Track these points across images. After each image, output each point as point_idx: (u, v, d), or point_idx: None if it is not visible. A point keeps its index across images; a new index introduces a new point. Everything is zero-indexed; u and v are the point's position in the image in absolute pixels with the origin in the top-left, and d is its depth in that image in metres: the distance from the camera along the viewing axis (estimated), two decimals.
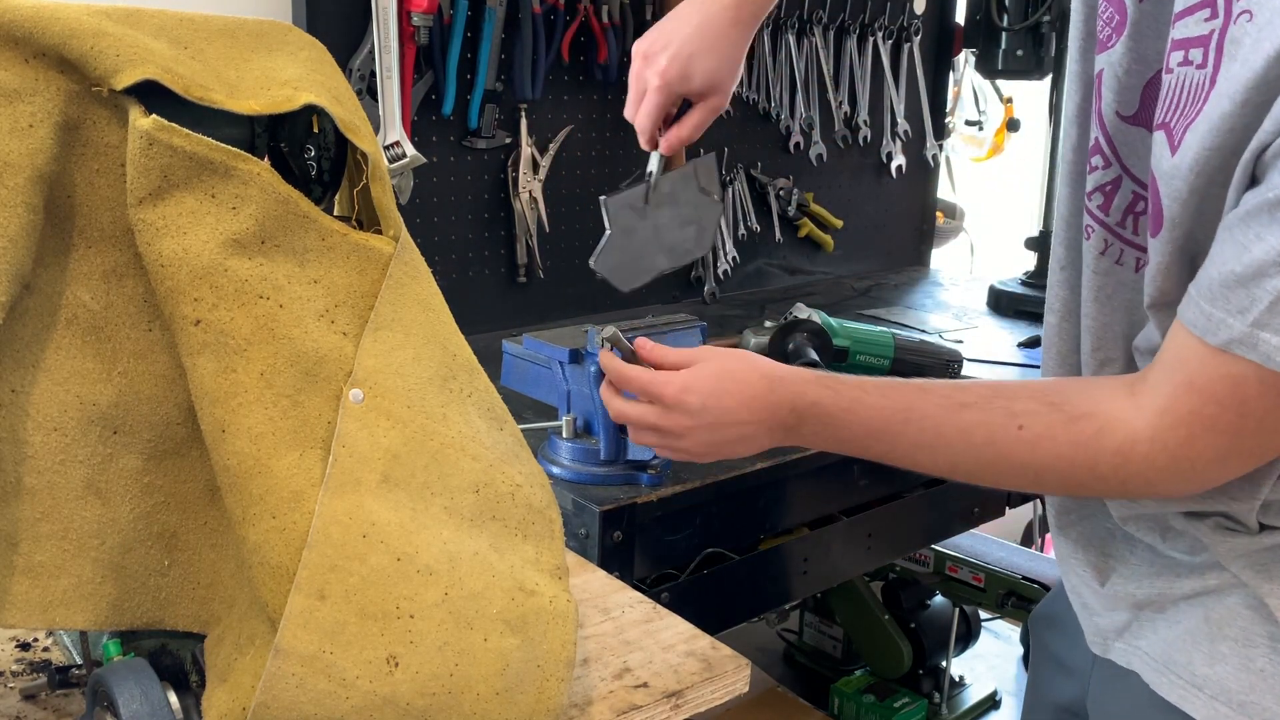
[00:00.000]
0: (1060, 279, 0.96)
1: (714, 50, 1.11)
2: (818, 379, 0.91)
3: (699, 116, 1.15)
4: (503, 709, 0.73)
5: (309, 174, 0.78)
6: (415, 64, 1.66)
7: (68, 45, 0.65)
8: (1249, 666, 0.84)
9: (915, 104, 2.37)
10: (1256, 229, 0.69)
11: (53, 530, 0.72)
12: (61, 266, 0.70)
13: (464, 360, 0.81)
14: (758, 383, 0.91)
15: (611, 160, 1.98)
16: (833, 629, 2.11)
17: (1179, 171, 0.75)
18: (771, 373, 0.92)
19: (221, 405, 0.69)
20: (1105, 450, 0.80)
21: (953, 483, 1.58)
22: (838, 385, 0.90)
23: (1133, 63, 0.82)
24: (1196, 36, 0.73)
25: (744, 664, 0.91)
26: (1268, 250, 0.68)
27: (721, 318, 1.96)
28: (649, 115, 1.13)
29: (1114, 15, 0.83)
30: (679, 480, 1.22)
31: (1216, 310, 0.72)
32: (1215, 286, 0.72)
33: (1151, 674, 0.90)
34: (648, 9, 1.92)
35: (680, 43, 1.11)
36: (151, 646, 0.80)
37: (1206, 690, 0.85)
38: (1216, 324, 0.72)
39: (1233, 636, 0.85)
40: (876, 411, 0.88)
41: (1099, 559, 0.98)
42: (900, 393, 0.88)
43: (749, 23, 1.13)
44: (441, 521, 0.73)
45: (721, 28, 1.11)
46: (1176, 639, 0.89)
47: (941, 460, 0.88)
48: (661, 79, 1.12)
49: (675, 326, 1.22)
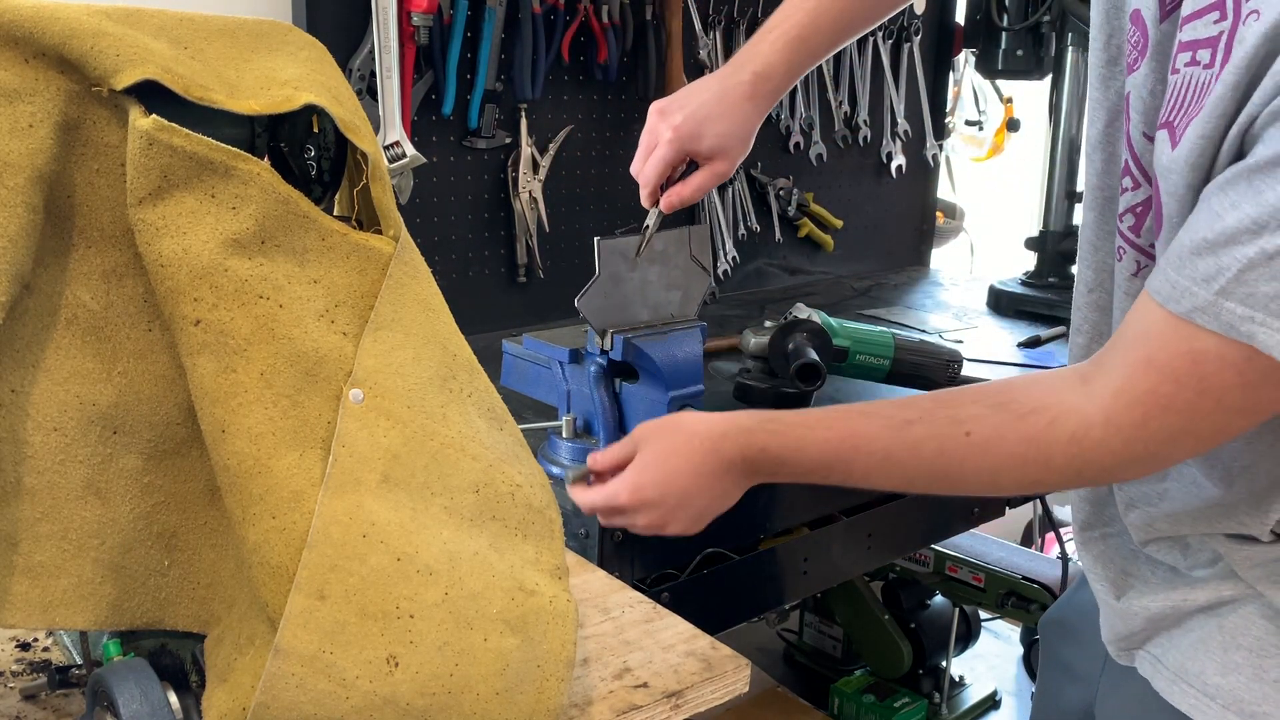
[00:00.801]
0: (1089, 301, 0.95)
1: (728, 117, 1.15)
2: (760, 424, 0.92)
3: (702, 179, 1.17)
4: (503, 709, 0.73)
5: (309, 174, 0.78)
6: (415, 64, 1.66)
7: (68, 45, 0.65)
8: (1262, 677, 0.84)
9: (915, 104, 2.37)
10: (1234, 196, 0.68)
11: (53, 530, 0.72)
12: (61, 266, 0.70)
13: (464, 360, 0.81)
14: (699, 448, 0.92)
15: (611, 160, 1.98)
16: (833, 629, 2.11)
17: (1176, 165, 0.74)
18: (711, 432, 0.93)
19: (221, 405, 0.69)
20: (1059, 441, 0.79)
21: None
22: (781, 427, 0.91)
23: (1156, 83, 0.81)
24: (1205, 38, 0.73)
25: (744, 664, 0.91)
26: (1241, 218, 0.67)
27: (721, 318, 1.96)
28: (655, 168, 1.16)
29: (1139, 38, 0.83)
30: None
31: (1182, 278, 0.71)
32: (1185, 254, 0.71)
33: (1164, 683, 0.90)
34: (648, 9, 1.92)
35: (697, 105, 1.15)
36: (151, 646, 0.80)
37: (1219, 700, 0.85)
38: (1181, 292, 0.71)
39: (1247, 646, 0.85)
40: (824, 445, 0.89)
41: (1118, 575, 0.97)
42: (844, 422, 0.89)
43: (764, 101, 1.17)
44: (441, 521, 0.73)
45: (737, 99, 1.15)
46: (1189, 647, 0.88)
47: (897, 478, 0.89)
48: (674, 133, 1.15)
49: (675, 327, 1.22)
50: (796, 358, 1.30)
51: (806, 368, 1.28)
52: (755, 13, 2.13)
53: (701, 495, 0.93)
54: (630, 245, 1.19)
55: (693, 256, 1.23)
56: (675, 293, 1.23)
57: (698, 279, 1.25)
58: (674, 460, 0.93)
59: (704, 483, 0.93)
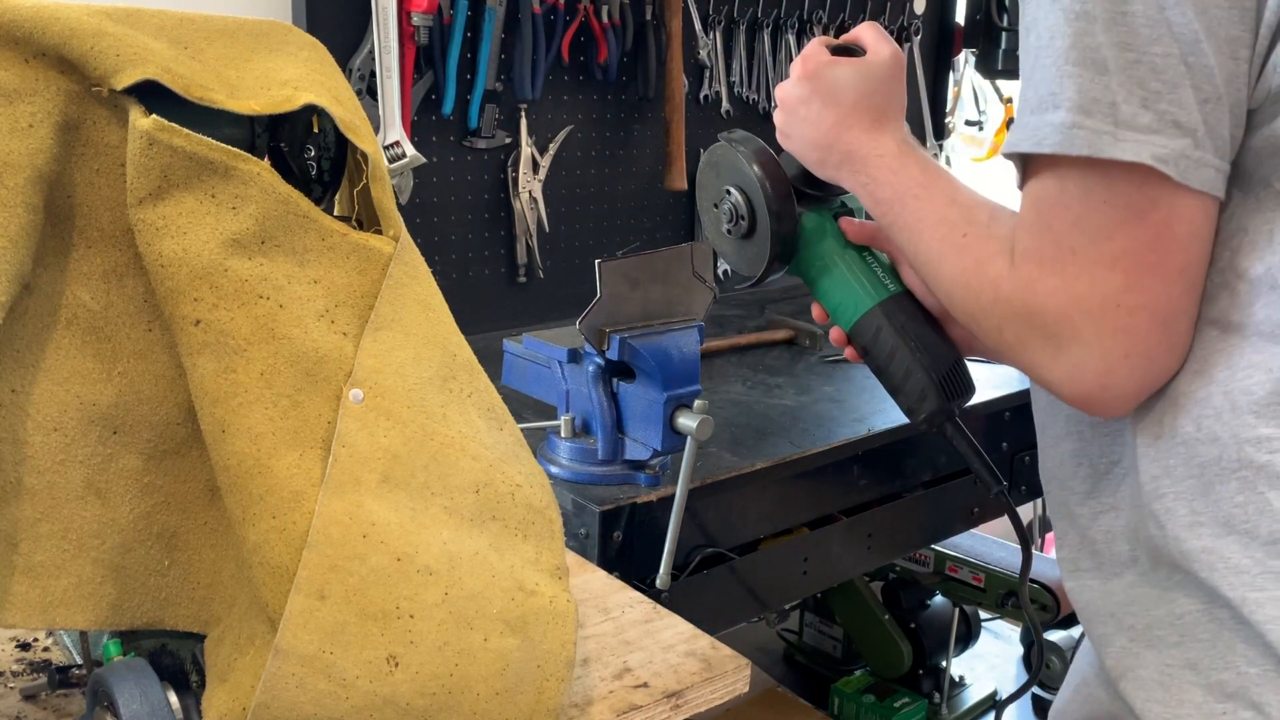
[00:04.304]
0: None
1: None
2: (883, 137, 0.96)
3: None
4: (503, 709, 0.73)
5: (309, 174, 0.78)
6: (415, 64, 1.66)
7: (68, 45, 0.65)
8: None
9: (915, 104, 2.37)
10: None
11: (53, 530, 0.72)
12: (61, 266, 0.70)
13: (464, 360, 0.81)
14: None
15: (611, 160, 1.98)
16: (833, 629, 2.11)
17: None
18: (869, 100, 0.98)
19: (221, 405, 0.69)
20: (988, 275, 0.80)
21: (953, 482, 1.58)
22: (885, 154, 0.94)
23: None
24: None
25: (744, 664, 0.91)
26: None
27: (721, 317, 1.96)
28: None
29: None
30: (677, 480, 1.22)
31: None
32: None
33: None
34: (648, 9, 1.92)
35: None
36: (151, 646, 0.80)
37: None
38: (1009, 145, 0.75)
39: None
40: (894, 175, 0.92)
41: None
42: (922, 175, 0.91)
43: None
44: (441, 521, 0.73)
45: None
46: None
47: (920, 246, 0.89)
48: None
49: (672, 326, 1.22)
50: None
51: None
52: (755, 13, 2.13)
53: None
54: (632, 266, 1.19)
55: (695, 273, 1.23)
56: (678, 309, 1.23)
57: (700, 294, 1.25)
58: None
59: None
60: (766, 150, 1.03)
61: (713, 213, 1.07)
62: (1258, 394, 0.72)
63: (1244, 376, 0.72)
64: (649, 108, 2.02)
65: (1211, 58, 0.68)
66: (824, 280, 1.02)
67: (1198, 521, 0.75)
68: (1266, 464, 0.71)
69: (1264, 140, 0.71)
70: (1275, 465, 0.71)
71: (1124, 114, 0.68)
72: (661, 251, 1.20)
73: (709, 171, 1.07)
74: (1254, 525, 0.72)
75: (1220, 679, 0.74)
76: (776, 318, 1.90)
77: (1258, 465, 0.72)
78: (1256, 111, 0.71)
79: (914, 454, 1.52)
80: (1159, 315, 0.72)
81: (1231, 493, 0.73)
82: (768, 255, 1.02)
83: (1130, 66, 0.68)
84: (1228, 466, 0.73)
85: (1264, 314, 0.72)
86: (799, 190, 1.04)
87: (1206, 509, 0.74)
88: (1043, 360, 0.76)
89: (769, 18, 2.15)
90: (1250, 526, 0.72)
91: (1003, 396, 1.56)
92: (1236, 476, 0.73)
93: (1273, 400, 0.71)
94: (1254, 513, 0.72)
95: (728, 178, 1.04)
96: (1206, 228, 0.71)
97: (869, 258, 1.00)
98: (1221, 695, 0.74)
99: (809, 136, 0.99)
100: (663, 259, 1.21)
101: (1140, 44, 0.68)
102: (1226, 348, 0.73)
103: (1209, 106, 0.68)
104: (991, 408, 1.56)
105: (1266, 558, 0.71)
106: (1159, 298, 0.72)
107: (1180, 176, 0.69)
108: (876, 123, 0.96)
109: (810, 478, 1.38)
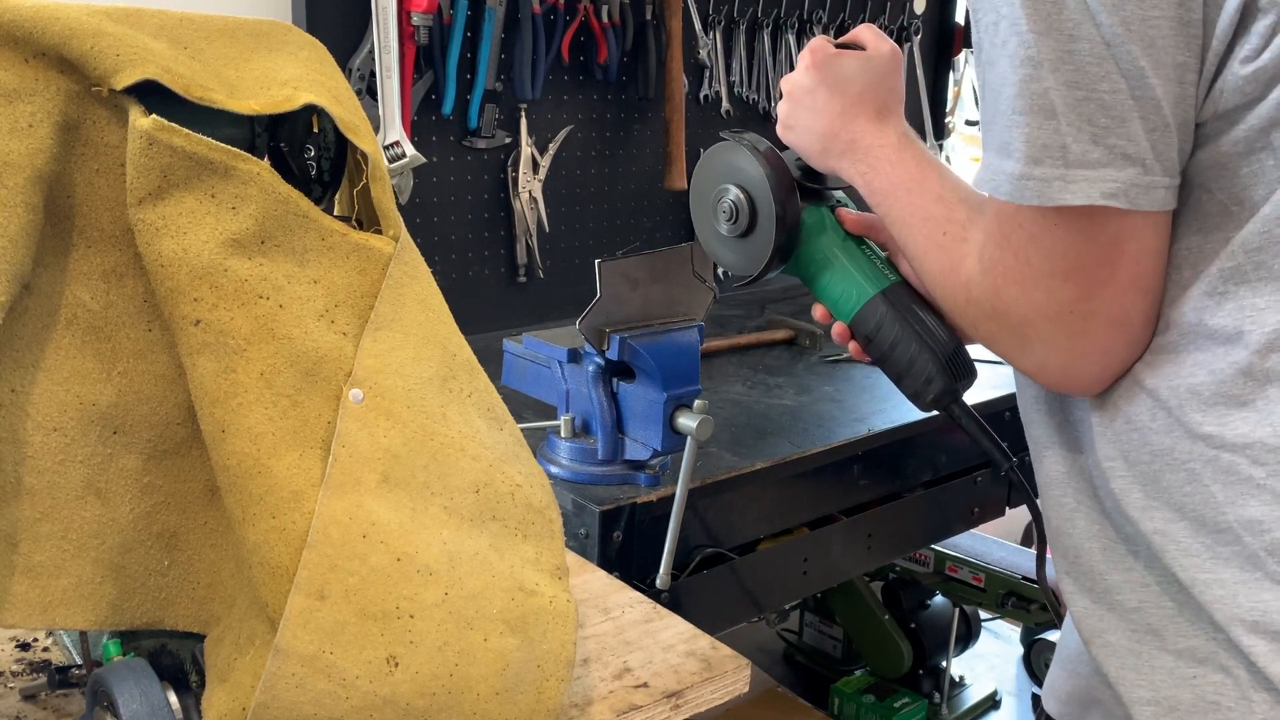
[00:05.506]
0: None
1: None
2: (884, 126, 0.97)
3: None
4: (503, 709, 0.73)
5: (309, 174, 0.78)
6: (415, 64, 1.66)
7: (68, 45, 0.65)
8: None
9: (915, 103, 2.37)
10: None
11: (53, 530, 0.72)
12: (61, 266, 0.70)
13: (464, 360, 0.81)
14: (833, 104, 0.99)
15: (611, 160, 1.98)
16: (833, 629, 2.11)
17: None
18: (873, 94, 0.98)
19: (221, 405, 0.69)
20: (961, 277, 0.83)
21: (953, 482, 1.59)
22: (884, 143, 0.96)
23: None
24: None
25: (744, 664, 0.91)
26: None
27: (721, 317, 1.96)
28: None
29: None
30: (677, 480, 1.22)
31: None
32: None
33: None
34: (648, 9, 1.92)
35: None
36: (151, 646, 0.80)
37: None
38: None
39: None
40: (892, 168, 0.94)
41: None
42: (917, 169, 0.94)
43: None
44: (441, 521, 0.73)
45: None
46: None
47: (909, 239, 0.91)
48: None
49: (672, 326, 1.22)
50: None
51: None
52: (755, 13, 2.13)
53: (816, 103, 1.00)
54: (632, 266, 1.19)
55: (695, 273, 1.23)
56: (678, 309, 1.24)
57: (700, 294, 1.25)
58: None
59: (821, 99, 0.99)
60: (771, 146, 1.04)
61: (708, 212, 1.07)
62: (1203, 393, 0.75)
63: (1189, 375, 0.76)
64: (649, 108, 2.02)
65: (1159, 89, 0.70)
66: (824, 274, 1.03)
67: (1150, 505, 0.78)
68: (1213, 458, 0.74)
69: (1209, 155, 0.73)
70: (1220, 460, 0.74)
71: (1074, 153, 0.71)
72: (661, 251, 1.20)
73: (705, 171, 1.08)
74: (1201, 514, 0.75)
75: (1190, 645, 0.77)
76: (776, 318, 1.91)
77: (1205, 459, 0.75)
78: (1204, 125, 0.73)
79: (914, 454, 1.52)
80: (1113, 320, 0.76)
81: (1181, 482, 0.76)
82: (769, 251, 1.02)
83: (1079, 104, 0.70)
84: (1179, 457, 0.76)
85: (1203, 317, 0.75)
86: (799, 186, 1.05)
87: (1159, 494, 0.77)
88: (1012, 354, 0.83)
89: (769, 18, 2.15)
90: (1198, 515, 0.75)
91: (1003, 396, 1.56)
92: (1185, 468, 0.76)
93: (1215, 400, 0.74)
94: (1199, 504, 0.75)
95: (727, 175, 1.05)
96: (1158, 240, 0.75)
97: (866, 249, 1.01)
98: (1192, 660, 0.77)
99: (814, 125, 1.00)
100: (663, 259, 1.21)
101: (1088, 82, 0.70)
102: (1177, 345, 0.76)
103: (1156, 134, 0.71)
104: (992, 408, 1.56)
105: (1215, 544, 0.75)
106: (1113, 306, 0.75)
107: (1130, 205, 0.71)
108: (879, 114, 0.98)
109: (810, 478, 1.38)
